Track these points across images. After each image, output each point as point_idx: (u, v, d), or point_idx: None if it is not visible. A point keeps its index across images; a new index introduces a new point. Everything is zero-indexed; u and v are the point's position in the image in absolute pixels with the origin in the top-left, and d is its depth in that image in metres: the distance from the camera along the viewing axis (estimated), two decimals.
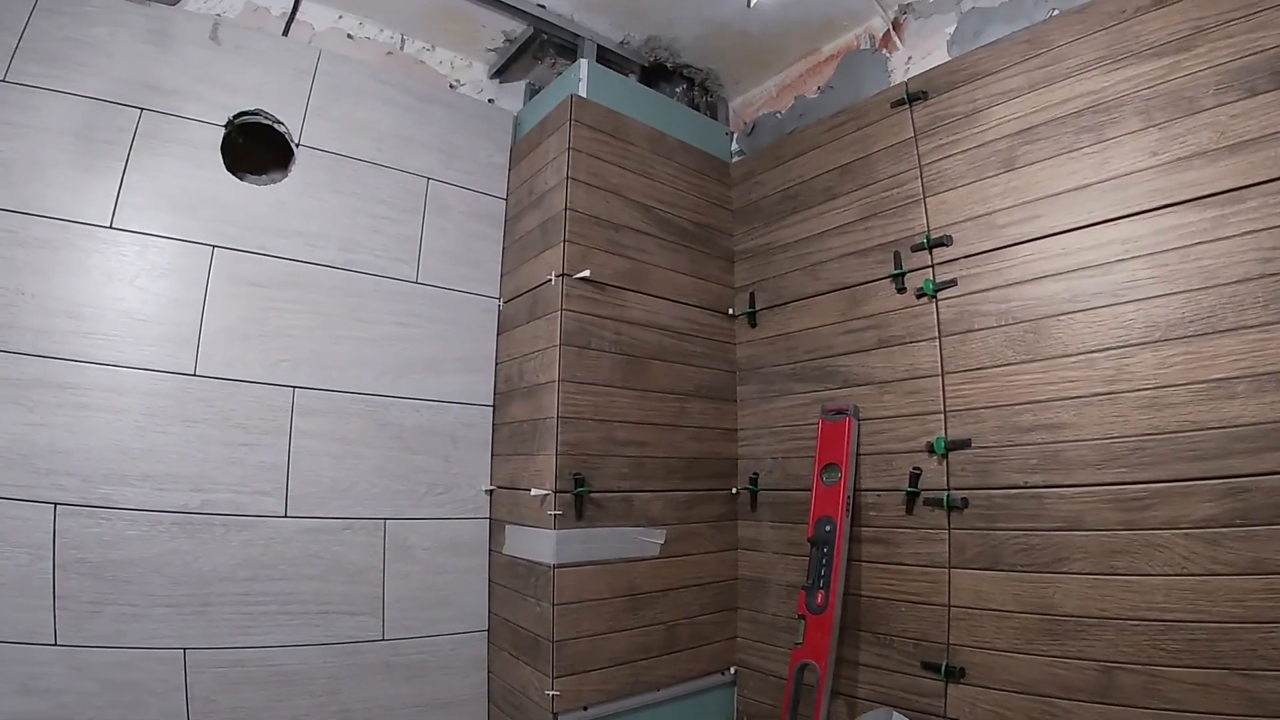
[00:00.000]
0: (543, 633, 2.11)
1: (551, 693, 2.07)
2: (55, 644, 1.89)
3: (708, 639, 2.43)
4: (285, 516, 2.18)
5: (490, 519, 2.47)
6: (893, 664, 2.07)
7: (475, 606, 2.42)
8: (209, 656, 2.05)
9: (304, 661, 2.16)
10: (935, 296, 2.08)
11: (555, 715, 2.08)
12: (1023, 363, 1.89)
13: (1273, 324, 1.56)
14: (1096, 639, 1.73)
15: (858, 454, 2.15)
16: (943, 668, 1.95)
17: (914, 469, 2.05)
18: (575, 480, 2.13)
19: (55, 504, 1.91)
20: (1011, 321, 1.93)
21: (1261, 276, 1.58)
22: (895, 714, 1.95)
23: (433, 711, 2.36)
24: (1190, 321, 1.66)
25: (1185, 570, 1.61)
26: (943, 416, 2.02)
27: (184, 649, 2.02)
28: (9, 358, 1.89)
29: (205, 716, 2.04)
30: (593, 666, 2.14)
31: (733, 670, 2.52)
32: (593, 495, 2.17)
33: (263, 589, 2.12)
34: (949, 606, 1.97)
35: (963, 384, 2.00)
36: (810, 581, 2.00)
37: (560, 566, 2.09)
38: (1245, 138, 1.63)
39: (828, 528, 2.01)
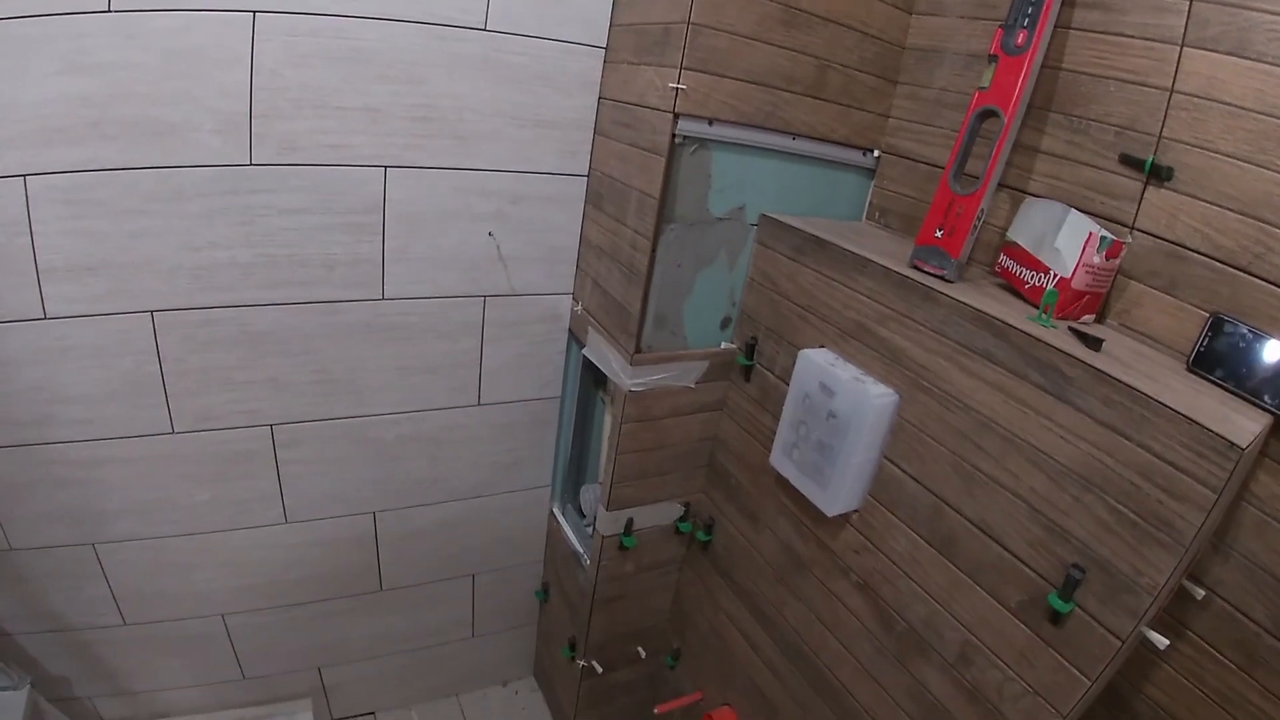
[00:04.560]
0: (676, 16, 1.85)
1: (676, 85, 1.84)
2: (108, 10, 1.70)
3: (858, 103, 2.17)
4: None
5: None
6: (1083, 154, 1.81)
7: (596, 12, 2.15)
8: (279, 22, 1.86)
9: (388, 40, 1.96)
10: None
11: (676, 117, 1.88)
12: None
13: None
14: None
15: None
16: (1148, 163, 1.69)
17: None
18: None
19: None
20: None
21: None
22: (1073, 212, 1.72)
23: (531, 129, 2.20)
24: None
25: None
26: None
27: (253, 11, 1.82)
28: None
29: (272, 96, 1.91)
30: (728, 73, 1.90)
31: (876, 154, 2.29)
32: None
33: None
34: (1171, 91, 1.65)
35: None
36: (1012, 19, 1.71)
37: None
38: None
39: None
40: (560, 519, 2.79)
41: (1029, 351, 1.48)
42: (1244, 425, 1.31)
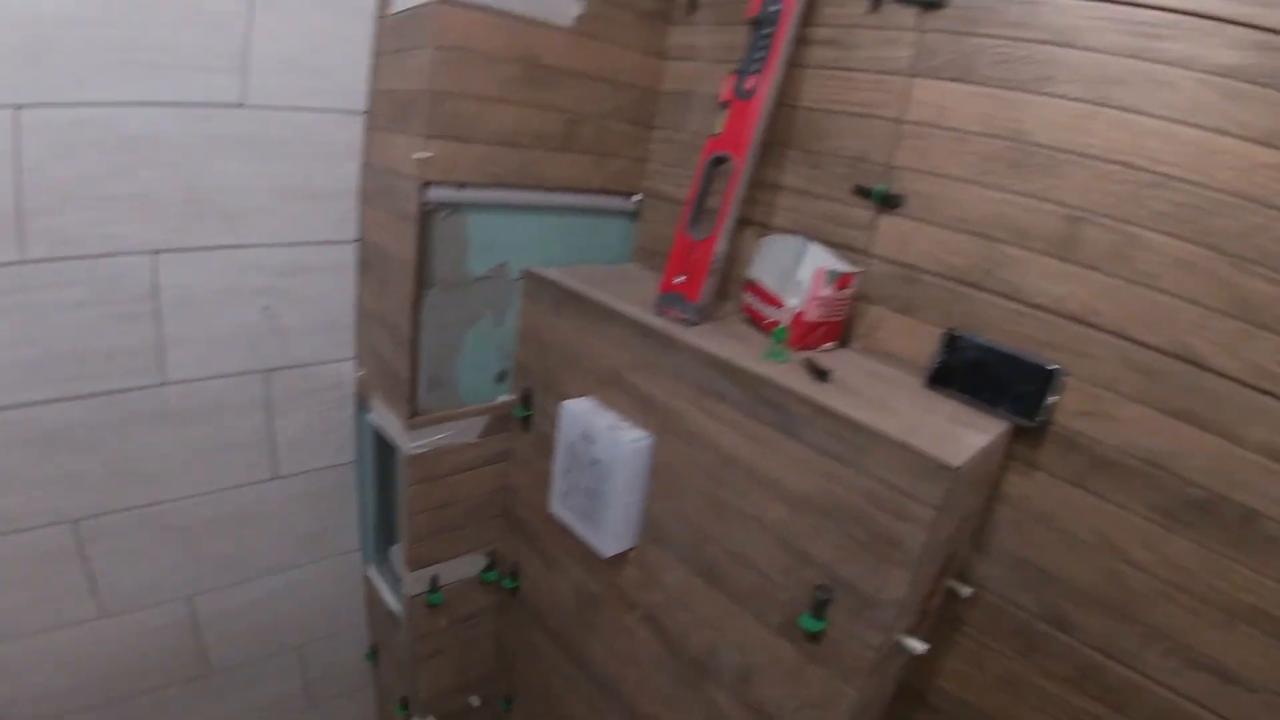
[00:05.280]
0: (420, 85, 1.87)
1: (421, 155, 1.86)
2: None
3: (614, 152, 2.24)
4: None
5: None
6: (820, 188, 1.91)
7: (353, 80, 2.16)
8: (43, 116, 1.82)
9: (150, 125, 1.94)
10: None
11: (425, 185, 1.90)
12: None
13: None
14: (1070, 179, 1.55)
15: None
16: (877, 192, 1.78)
17: None
18: None
19: None
20: None
21: None
22: (811, 245, 1.80)
23: (298, 201, 2.20)
24: None
25: (1190, 119, 1.41)
26: None
27: (17, 106, 1.78)
28: None
29: (40, 190, 1.87)
30: (475, 137, 1.94)
31: (637, 198, 2.37)
32: None
33: (106, 36, 1.85)
34: (900, 122, 1.77)
35: None
36: (742, 66, 1.79)
37: (450, 2, 1.81)
38: None
39: (775, 6, 1.76)
40: (376, 581, 2.78)
41: (758, 391, 1.56)
42: (968, 441, 1.42)
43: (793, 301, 1.75)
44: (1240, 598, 1.47)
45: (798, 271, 1.78)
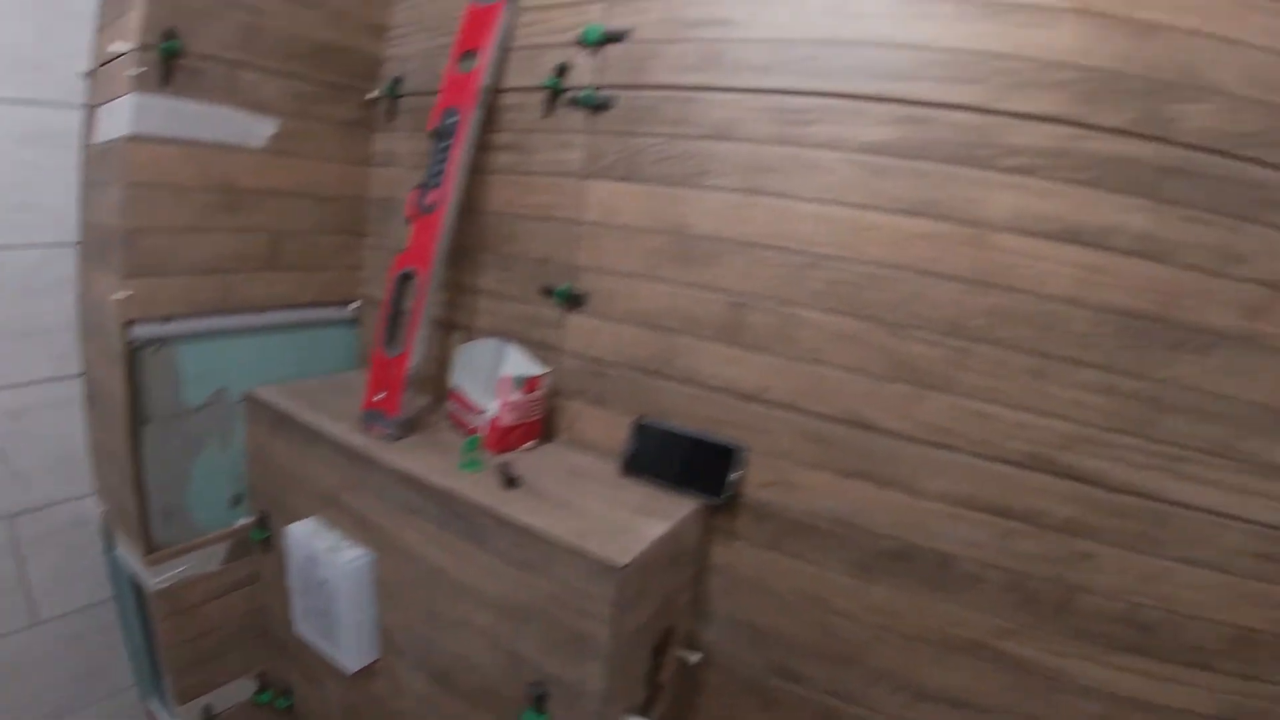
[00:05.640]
0: (113, 221, 1.86)
1: (120, 295, 1.85)
2: None
3: (324, 264, 2.28)
4: None
5: (87, 105, 2.11)
6: (513, 290, 2.00)
7: (65, 213, 2.13)
8: None
9: None
10: None
11: (128, 324, 1.89)
12: None
13: None
14: (731, 267, 1.67)
15: (505, 47, 1.93)
16: (560, 291, 1.87)
17: (561, 64, 1.85)
18: (166, 35, 1.80)
19: None
20: None
21: None
22: (509, 347, 1.88)
23: (18, 341, 2.15)
24: None
25: (842, 199, 1.54)
26: (601, 5, 1.82)
27: None
28: None
29: None
30: (175, 269, 1.94)
31: (355, 305, 2.42)
32: (186, 60, 1.85)
33: None
34: (577, 222, 1.86)
35: None
36: (425, 179, 1.85)
37: (137, 139, 1.81)
38: None
39: (452, 119, 1.82)
40: (158, 714, 2.72)
41: (448, 505, 1.62)
42: (643, 533, 1.52)
43: (490, 407, 1.82)
44: (953, 632, 1.58)
45: (499, 375, 1.84)
